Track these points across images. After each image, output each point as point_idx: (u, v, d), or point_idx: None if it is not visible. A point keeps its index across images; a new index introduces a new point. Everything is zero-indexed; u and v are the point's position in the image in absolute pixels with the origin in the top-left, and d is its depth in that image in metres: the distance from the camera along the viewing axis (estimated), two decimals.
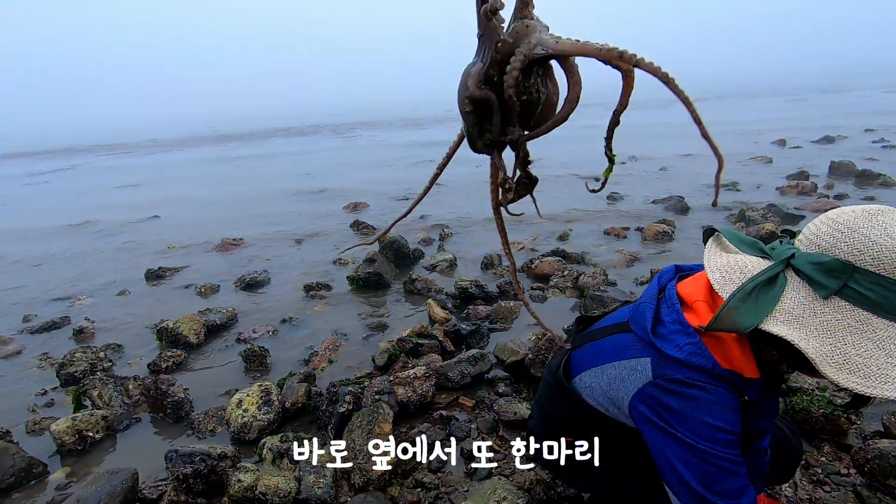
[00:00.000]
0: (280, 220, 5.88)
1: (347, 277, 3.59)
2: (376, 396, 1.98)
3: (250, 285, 3.74)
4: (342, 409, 1.95)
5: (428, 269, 3.83)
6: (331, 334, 2.86)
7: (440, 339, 2.56)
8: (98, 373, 2.49)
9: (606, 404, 1.07)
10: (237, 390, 2.16)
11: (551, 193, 6.13)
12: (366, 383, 2.10)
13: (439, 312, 2.84)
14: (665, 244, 4.01)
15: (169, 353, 2.69)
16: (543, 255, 3.74)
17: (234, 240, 4.98)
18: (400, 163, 10.10)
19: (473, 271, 3.73)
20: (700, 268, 1.08)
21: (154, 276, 4.12)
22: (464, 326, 2.65)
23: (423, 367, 2.18)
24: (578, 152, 9.28)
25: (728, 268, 0.94)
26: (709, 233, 1.10)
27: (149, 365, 2.64)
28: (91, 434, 2.06)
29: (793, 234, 0.98)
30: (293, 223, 5.66)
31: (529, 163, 1.29)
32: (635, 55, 0.90)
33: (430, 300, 3.00)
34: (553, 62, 1.00)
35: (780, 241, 0.97)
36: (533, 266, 3.54)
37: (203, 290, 3.73)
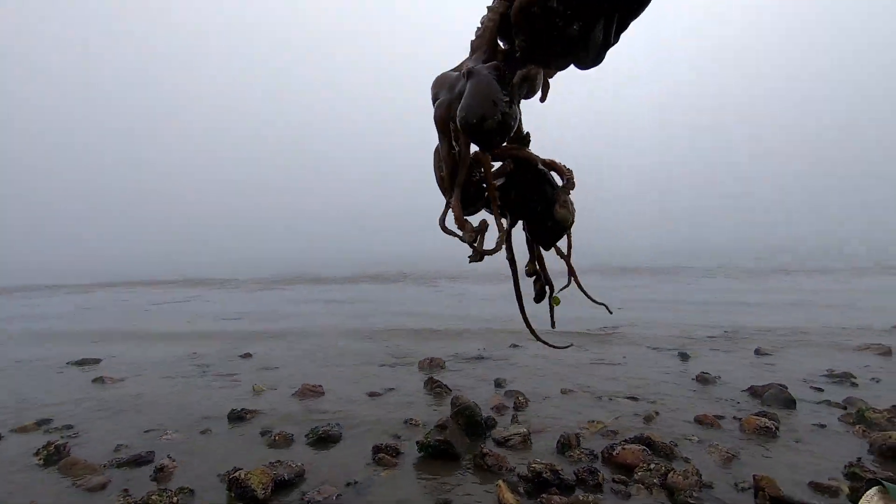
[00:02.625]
0: (359, 369, 6.05)
1: (417, 443, 3.51)
2: None
3: (322, 439, 3.76)
4: None
5: (500, 441, 3.66)
6: None
7: None
8: None
9: None
10: None
11: (634, 367, 5.85)
12: None
13: (510, 499, 2.65)
14: (768, 442, 3.57)
15: None
16: (626, 441, 3.46)
17: (314, 386, 5.16)
18: (484, 313, 10.27)
19: (548, 451, 3.50)
20: None
21: (236, 417, 4.30)
22: None
23: None
24: (664, 319, 9.03)
25: None
26: (872, 483, 0.99)
27: None
28: None
29: None
30: (371, 374, 5.80)
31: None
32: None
33: (500, 483, 2.83)
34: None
35: None
36: (614, 453, 3.27)
37: (277, 438, 3.80)
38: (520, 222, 1.56)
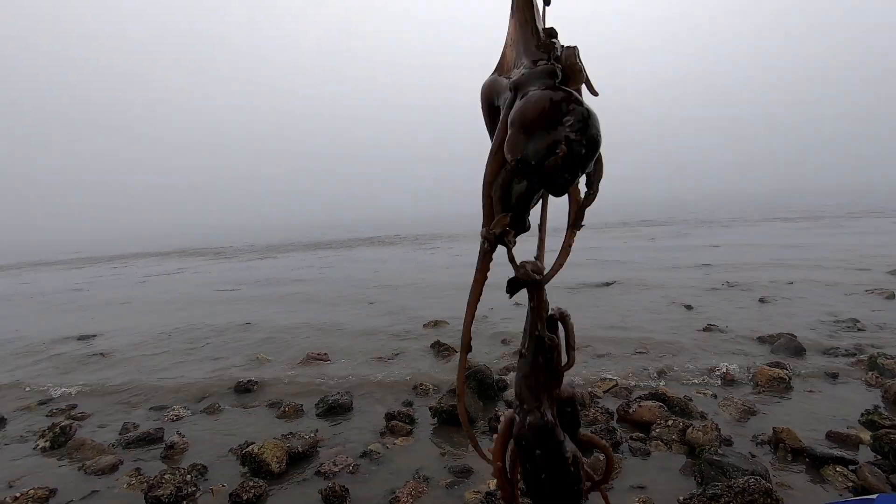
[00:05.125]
0: (363, 334, 5.98)
1: (430, 409, 3.46)
2: None
3: (332, 408, 3.70)
4: None
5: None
6: (412, 476, 2.70)
7: None
8: (183, 501, 2.47)
9: None
10: None
11: (639, 321, 5.81)
12: None
13: None
14: (782, 394, 3.55)
15: (251, 484, 2.63)
16: (641, 398, 3.42)
17: (318, 354, 5.10)
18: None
19: None
20: None
21: (243, 389, 4.24)
22: None
23: None
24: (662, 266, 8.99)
25: None
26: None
27: (230, 495, 2.58)
28: None
29: None
30: (375, 339, 5.74)
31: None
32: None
33: None
34: None
35: None
36: (630, 411, 3.23)
37: (287, 409, 3.75)
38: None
